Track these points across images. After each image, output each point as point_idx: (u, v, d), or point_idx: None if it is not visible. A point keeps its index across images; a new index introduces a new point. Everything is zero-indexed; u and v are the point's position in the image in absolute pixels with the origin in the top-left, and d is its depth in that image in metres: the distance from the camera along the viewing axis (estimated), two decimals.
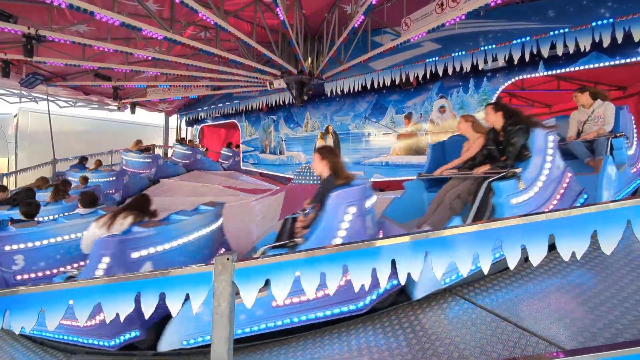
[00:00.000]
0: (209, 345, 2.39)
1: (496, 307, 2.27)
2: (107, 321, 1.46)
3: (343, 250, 1.38)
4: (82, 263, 3.66)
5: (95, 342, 2.67)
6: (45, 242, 3.54)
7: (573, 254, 1.22)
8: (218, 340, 1.36)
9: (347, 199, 2.63)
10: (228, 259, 1.37)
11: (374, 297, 2.54)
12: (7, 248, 3.35)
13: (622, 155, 3.72)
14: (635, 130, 4.23)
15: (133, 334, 2.60)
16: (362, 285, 1.37)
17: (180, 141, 12.66)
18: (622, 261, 2.56)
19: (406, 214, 3.70)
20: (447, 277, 2.58)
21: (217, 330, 1.36)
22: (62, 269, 3.64)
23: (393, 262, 1.37)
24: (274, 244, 2.73)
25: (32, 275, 3.51)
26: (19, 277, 3.40)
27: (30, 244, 3.44)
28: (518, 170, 2.86)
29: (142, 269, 2.66)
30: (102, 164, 9.29)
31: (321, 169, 2.89)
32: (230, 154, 12.92)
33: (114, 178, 7.79)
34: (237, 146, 13.42)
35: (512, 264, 1.28)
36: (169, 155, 12.34)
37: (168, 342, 2.43)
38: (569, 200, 3.22)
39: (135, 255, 2.65)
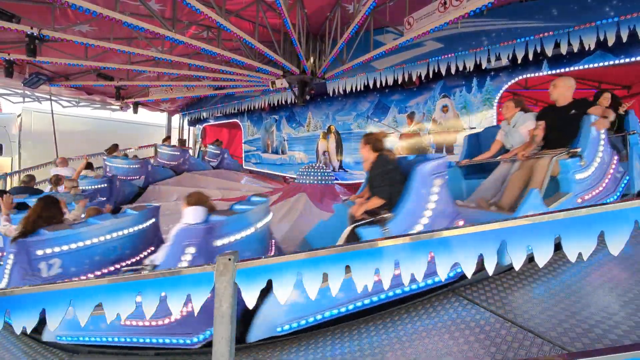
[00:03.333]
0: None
1: (500, 308, 2.25)
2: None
3: (346, 251, 1.37)
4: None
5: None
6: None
7: (580, 255, 1.20)
8: (219, 341, 1.34)
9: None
10: (230, 259, 1.36)
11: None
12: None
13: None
14: None
15: None
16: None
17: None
18: (628, 262, 2.53)
19: None
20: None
21: (219, 331, 1.34)
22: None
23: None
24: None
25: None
26: None
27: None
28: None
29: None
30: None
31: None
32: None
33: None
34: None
35: (517, 265, 1.26)
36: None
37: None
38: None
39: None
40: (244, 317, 2.43)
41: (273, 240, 3.79)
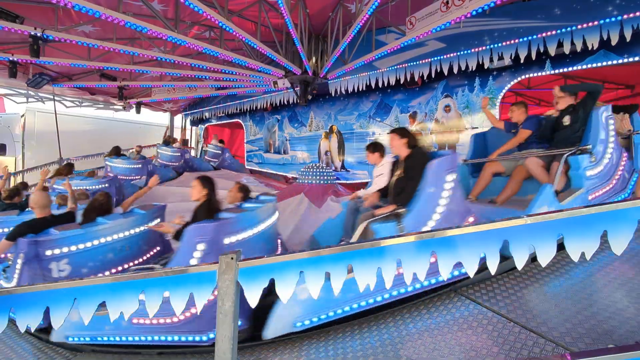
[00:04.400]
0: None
1: (503, 308, 2.24)
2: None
3: (348, 250, 1.37)
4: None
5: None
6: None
7: (582, 254, 1.20)
8: (222, 339, 1.35)
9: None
10: (232, 258, 1.36)
11: None
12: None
13: None
14: None
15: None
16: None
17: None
18: (631, 262, 2.52)
19: None
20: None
21: (221, 329, 1.35)
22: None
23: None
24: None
25: None
26: None
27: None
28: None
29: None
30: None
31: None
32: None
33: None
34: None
35: (519, 264, 1.26)
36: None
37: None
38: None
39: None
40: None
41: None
